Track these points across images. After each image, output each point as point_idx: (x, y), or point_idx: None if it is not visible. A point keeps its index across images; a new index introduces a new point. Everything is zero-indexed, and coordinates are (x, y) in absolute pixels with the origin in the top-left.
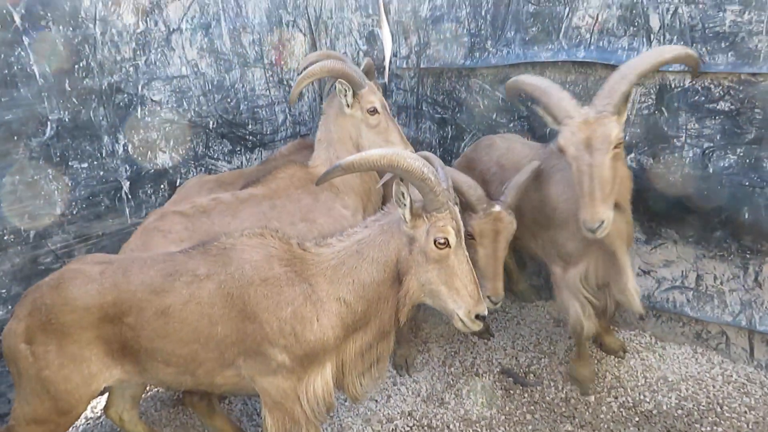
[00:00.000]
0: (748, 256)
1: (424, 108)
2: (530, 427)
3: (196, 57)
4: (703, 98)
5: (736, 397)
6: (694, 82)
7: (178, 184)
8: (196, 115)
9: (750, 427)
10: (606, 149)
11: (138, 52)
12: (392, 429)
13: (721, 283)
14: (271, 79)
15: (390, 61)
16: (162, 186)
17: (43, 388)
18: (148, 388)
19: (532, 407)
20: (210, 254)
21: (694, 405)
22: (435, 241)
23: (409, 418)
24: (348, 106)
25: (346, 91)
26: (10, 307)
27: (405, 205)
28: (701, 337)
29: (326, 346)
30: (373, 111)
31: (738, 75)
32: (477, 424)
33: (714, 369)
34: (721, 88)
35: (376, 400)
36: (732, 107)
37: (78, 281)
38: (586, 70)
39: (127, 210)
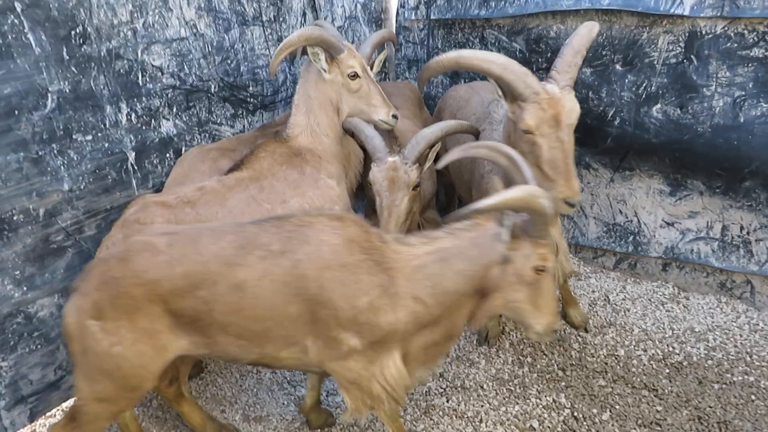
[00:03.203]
0: None
1: None
2: (563, 384)
3: (194, 17)
4: (735, 45)
5: (764, 345)
6: (726, 28)
7: (183, 152)
8: (198, 79)
9: None
10: (573, 125)
11: (135, 15)
12: (426, 391)
13: (748, 233)
14: (270, 37)
15: (397, 13)
16: (168, 155)
17: (115, 364)
18: None
19: (563, 364)
20: (284, 229)
21: (723, 355)
22: (535, 267)
23: (441, 379)
24: (325, 71)
25: (318, 55)
26: (25, 288)
27: (506, 226)
28: (725, 286)
29: (395, 335)
30: (354, 75)
31: None
32: (510, 383)
33: (740, 318)
34: (755, 33)
35: None
36: (767, 54)
37: (146, 254)
38: (610, 18)
39: (134, 182)
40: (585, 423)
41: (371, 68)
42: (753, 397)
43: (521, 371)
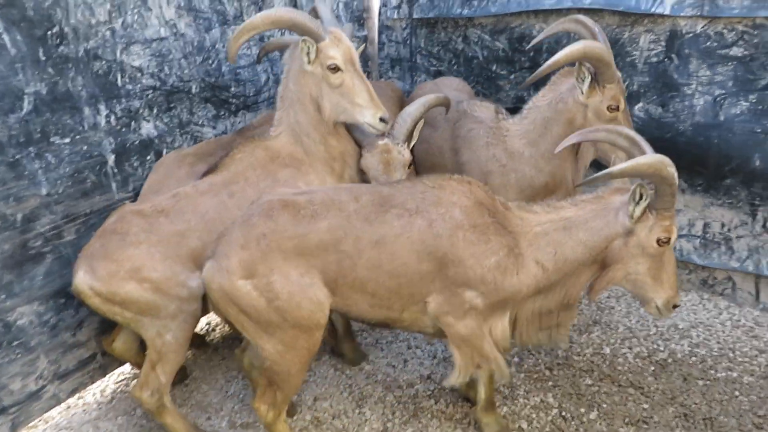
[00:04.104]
0: (757, 202)
1: (418, 61)
2: (551, 383)
3: (174, 16)
4: (715, 44)
5: (745, 341)
6: (706, 27)
7: (165, 153)
8: (178, 79)
9: (762, 370)
10: None
11: (113, 14)
12: (413, 394)
13: (729, 230)
14: (252, 37)
15: (379, 12)
16: (148, 158)
17: (281, 316)
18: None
19: (550, 363)
20: (417, 191)
21: (706, 351)
22: (658, 239)
23: (428, 381)
24: (309, 62)
25: (309, 47)
26: (3, 296)
27: (639, 203)
28: (707, 283)
29: (516, 297)
30: (335, 68)
31: (752, 19)
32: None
33: (722, 314)
34: (734, 33)
35: (394, 366)
36: (746, 53)
37: (290, 209)
38: (592, 17)
39: (114, 185)
40: (573, 422)
41: None
42: (737, 392)
43: (509, 372)
